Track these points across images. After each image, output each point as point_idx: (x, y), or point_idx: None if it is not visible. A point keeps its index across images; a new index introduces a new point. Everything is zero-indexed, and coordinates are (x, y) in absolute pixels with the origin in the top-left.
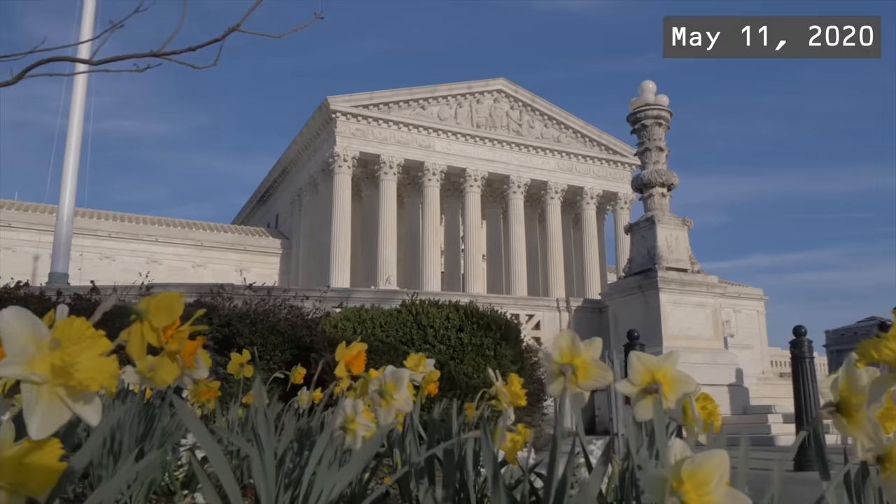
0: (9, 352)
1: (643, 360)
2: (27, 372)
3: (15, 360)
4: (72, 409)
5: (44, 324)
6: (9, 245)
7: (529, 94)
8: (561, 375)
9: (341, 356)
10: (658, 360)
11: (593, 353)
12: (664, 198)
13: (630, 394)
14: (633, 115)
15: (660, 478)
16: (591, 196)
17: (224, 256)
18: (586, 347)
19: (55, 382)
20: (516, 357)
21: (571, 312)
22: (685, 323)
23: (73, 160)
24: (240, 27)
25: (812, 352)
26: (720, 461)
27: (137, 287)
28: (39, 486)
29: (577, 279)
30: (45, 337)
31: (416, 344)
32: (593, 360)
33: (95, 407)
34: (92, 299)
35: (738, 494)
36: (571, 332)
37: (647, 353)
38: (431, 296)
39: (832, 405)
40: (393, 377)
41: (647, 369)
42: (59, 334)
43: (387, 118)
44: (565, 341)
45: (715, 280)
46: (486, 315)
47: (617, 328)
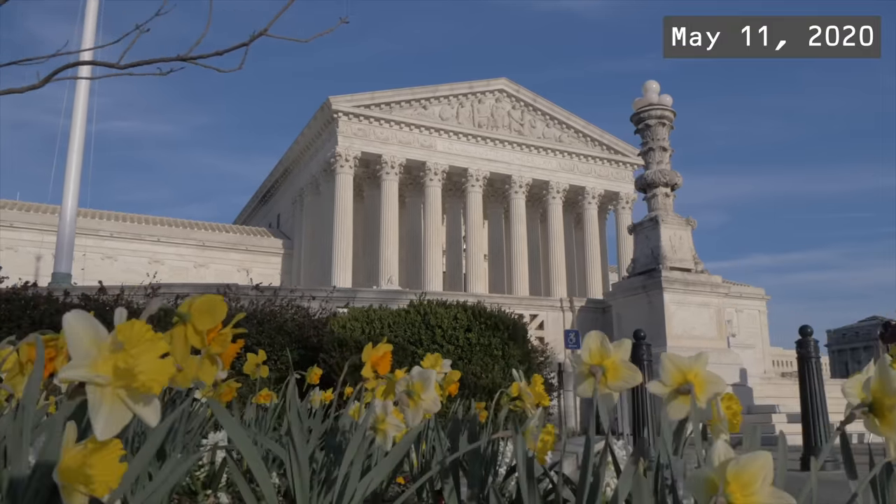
0: (74, 354)
1: (675, 360)
2: (92, 374)
3: (80, 362)
4: (133, 410)
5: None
6: (11, 245)
7: (531, 93)
8: (590, 376)
9: (368, 356)
10: (689, 360)
11: (623, 355)
12: (668, 198)
13: (661, 394)
14: (637, 115)
15: (705, 478)
16: (592, 196)
17: (226, 256)
18: (616, 349)
19: (117, 384)
20: (524, 357)
21: (575, 312)
22: (689, 323)
23: (76, 161)
24: (267, 32)
25: (818, 352)
26: (765, 462)
27: (144, 287)
28: (102, 487)
29: (578, 279)
30: (106, 339)
31: (425, 344)
32: (623, 361)
33: (154, 408)
34: (100, 299)
35: (783, 494)
36: (601, 334)
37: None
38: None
39: (865, 405)
40: (420, 378)
41: (678, 370)
42: (122, 337)
43: (388, 118)
44: (595, 343)
45: (719, 280)
46: (493, 315)
47: (621, 328)
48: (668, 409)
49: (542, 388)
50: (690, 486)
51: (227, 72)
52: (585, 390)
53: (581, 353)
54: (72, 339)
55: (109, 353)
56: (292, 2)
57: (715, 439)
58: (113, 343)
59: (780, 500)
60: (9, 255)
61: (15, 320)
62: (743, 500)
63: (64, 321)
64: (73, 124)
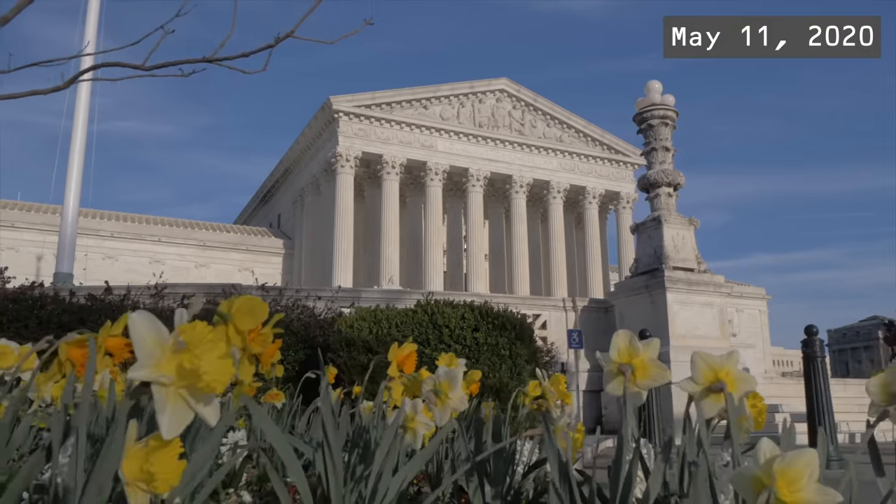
0: (139, 355)
1: (706, 359)
2: (157, 374)
3: (146, 363)
4: (194, 409)
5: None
6: (12, 245)
7: (532, 93)
8: (619, 375)
9: (394, 356)
10: (720, 359)
11: (651, 353)
12: (670, 197)
13: (693, 392)
14: (640, 115)
15: (752, 475)
16: (593, 196)
17: (227, 256)
18: (645, 347)
19: (180, 384)
20: (530, 357)
21: (578, 312)
22: (692, 322)
23: (78, 161)
24: (294, 33)
25: (824, 351)
26: (810, 459)
27: (150, 287)
28: (164, 484)
29: (579, 279)
30: (168, 340)
31: (432, 344)
32: (652, 359)
33: (214, 408)
34: (106, 299)
35: (829, 490)
36: (629, 333)
37: None
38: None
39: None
40: (447, 377)
41: (710, 368)
42: (186, 337)
43: (389, 118)
44: (623, 341)
45: (721, 280)
46: (500, 315)
47: (624, 328)
48: (700, 406)
49: (564, 387)
50: (736, 482)
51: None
52: (615, 388)
53: (610, 352)
54: (137, 340)
55: (172, 354)
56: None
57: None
58: (175, 343)
59: (825, 496)
60: (10, 256)
61: (22, 320)
62: (790, 496)
63: (129, 322)
64: (74, 124)
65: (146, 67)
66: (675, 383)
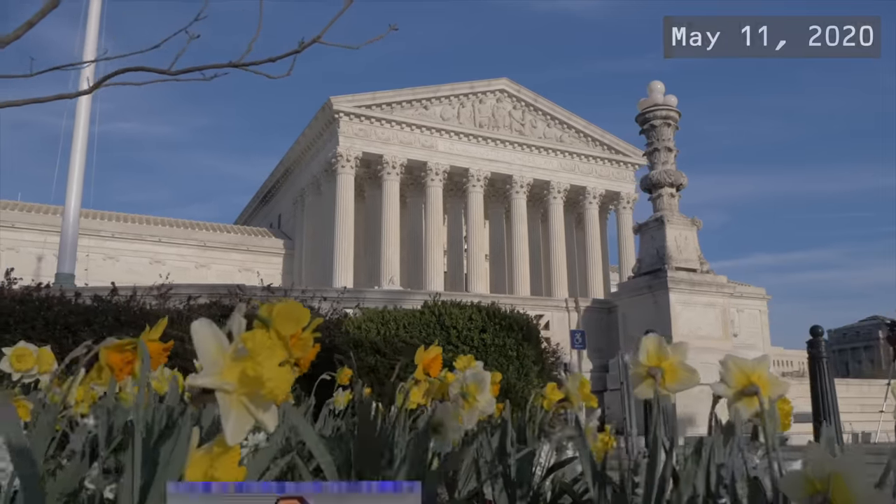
0: (203, 362)
1: (738, 363)
2: (220, 382)
3: (210, 370)
4: (254, 416)
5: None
6: (12, 246)
7: (532, 93)
8: (648, 378)
9: (420, 359)
10: (752, 363)
11: (681, 357)
12: (673, 198)
13: (726, 396)
14: (642, 116)
15: (804, 478)
16: (593, 196)
17: (227, 257)
18: (673, 351)
19: (241, 391)
20: (538, 357)
21: (580, 313)
22: (695, 323)
23: (79, 162)
24: (320, 39)
25: (829, 351)
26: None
27: (155, 287)
28: None
29: (579, 279)
30: (228, 347)
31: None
32: (681, 363)
33: (273, 414)
34: (112, 300)
35: (879, 493)
36: (658, 336)
37: None
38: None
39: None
40: (475, 379)
41: (742, 372)
42: (250, 345)
43: (389, 118)
44: (652, 344)
45: (724, 280)
46: (508, 316)
47: (626, 328)
48: (733, 410)
49: (589, 390)
50: (786, 485)
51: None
52: (643, 392)
53: (638, 355)
54: (200, 347)
55: (233, 361)
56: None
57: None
58: (235, 351)
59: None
60: (10, 256)
61: (29, 321)
62: (841, 499)
63: (192, 330)
64: (76, 125)
65: (172, 72)
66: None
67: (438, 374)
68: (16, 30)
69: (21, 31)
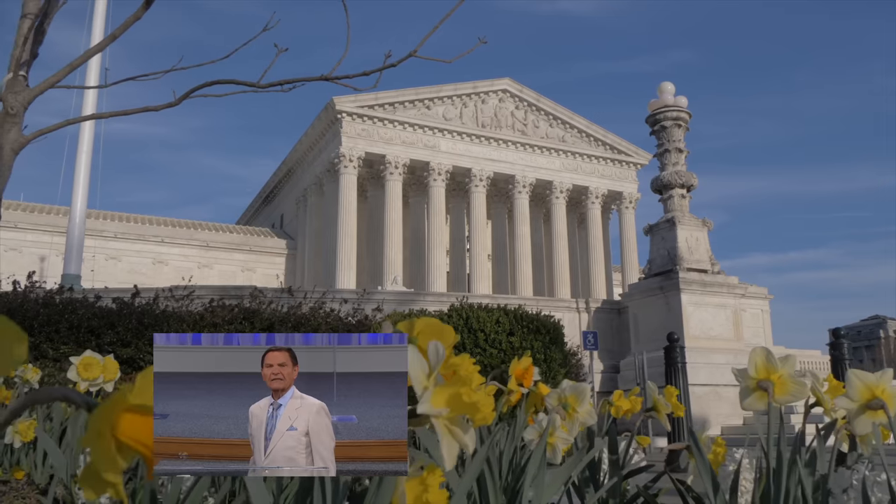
0: (417, 389)
1: (861, 377)
2: (437, 409)
3: (425, 398)
4: (458, 439)
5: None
6: (15, 246)
7: (534, 93)
8: (757, 390)
9: (513, 370)
10: (875, 377)
11: (789, 369)
12: (684, 199)
13: (849, 409)
14: (653, 117)
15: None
16: (595, 196)
17: (230, 257)
18: (782, 363)
19: (448, 416)
20: (563, 360)
21: (590, 313)
22: (707, 324)
23: (85, 163)
24: (416, 53)
25: (850, 353)
26: None
27: (171, 289)
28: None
29: (581, 279)
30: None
31: (468, 348)
32: (790, 375)
33: (472, 436)
34: (134, 303)
35: None
36: (765, 349)
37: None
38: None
39: None
40: (574, 391)
41: (866, 386)
42: (463, 372)
43: (392, 118)
44: (761, 358)
45: (735, 280)
46: (535, 319)
47: (637, 329)
48: (854, 424)
49: (677, 399)
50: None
51: (362, 90)
52: (752, 404)
53: (747, 368)
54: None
55: (437, 387)
56: (440, 24)
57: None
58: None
59: None
60: (13, 256)
61: (53, 324)
62: None
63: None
64: (81, 128)
65: (261, 85)
66: (694, 385)
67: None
68: (99, 42)
69: (105, 43)
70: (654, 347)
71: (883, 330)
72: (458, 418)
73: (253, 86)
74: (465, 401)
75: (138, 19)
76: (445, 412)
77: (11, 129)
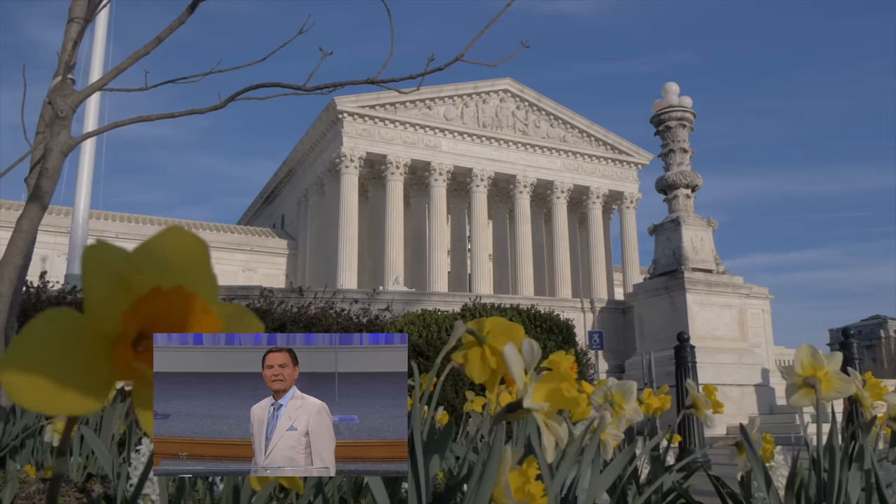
0: (519, 385)
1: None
2: (539, 404)
3: (527, 392)
4: (554, 433)
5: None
6: None
7: (535, 93)
8: (803, 387)
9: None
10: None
11: (835, 366)
12: (689, 199)
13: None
14: (657, 117)
15: None
16: (596, 195)
17: (231, 257)
18: (828, 361)
19: (548, 411)
20: (576, 359)
21: (596, 313)
22: (712, 324)
23: (88, 164)
24: (463, 57)
25: (861, 354)
26: None
27: None
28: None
29: (583, 279)
30: (524, 367)
31: None
32: (836, 372)
33: (565, 429)
34: None
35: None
36: (811, 346)
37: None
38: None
39: None
40: (620, 388)
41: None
42: (563, 368)
43: (393, 118)
44: (806, 355)
45: (740, 280)
46: (548, 318)
47: (642, 328)
48: None
49: (716, 398)
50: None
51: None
52: (798, 400)
53: (794, 365)
54: (514, 371)
55: (536, 383)
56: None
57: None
58: (534, 372)
59: None
60: None
61: None
62: None
63: (505, 355)
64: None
65: (306, 88)
66: (700, 384)
67: None
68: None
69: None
70: (659, 347)
71: (883, 330)
72: (554, 413)
73: (298, 89)
74: (566, 396)
75: (182, 23)
76: (546, 407)
77: (61, 131)
